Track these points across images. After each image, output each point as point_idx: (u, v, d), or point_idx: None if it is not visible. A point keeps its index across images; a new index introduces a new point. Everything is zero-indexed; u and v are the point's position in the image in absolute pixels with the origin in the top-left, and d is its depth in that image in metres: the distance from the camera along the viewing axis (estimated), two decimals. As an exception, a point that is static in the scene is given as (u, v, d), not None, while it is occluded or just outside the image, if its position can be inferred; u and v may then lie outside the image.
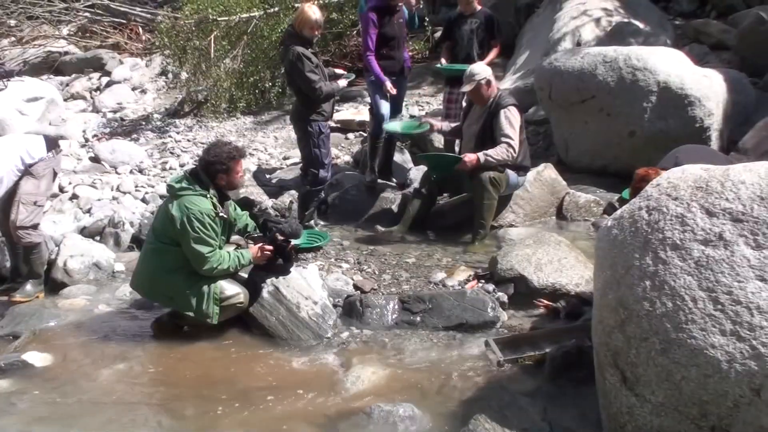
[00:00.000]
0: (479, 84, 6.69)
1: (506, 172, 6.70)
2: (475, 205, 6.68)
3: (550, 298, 5.40)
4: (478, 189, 6.62)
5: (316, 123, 6.94)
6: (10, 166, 5.90)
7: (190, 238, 5.09)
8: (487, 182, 6.57)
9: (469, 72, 6.79)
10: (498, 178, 6.63)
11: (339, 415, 4.27)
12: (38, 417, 4.40)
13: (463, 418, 3.93)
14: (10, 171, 5.90)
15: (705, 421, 3.24)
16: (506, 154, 6.58)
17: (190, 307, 5.21)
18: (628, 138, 7.59)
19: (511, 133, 6.60)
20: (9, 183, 5.91)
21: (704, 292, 3.28)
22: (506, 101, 6.69)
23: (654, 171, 4.90)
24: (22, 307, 5.88)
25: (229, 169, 5.31)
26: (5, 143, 6.23)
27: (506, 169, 6.69)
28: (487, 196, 6.60)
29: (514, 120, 6.63)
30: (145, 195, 8.33)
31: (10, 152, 5.99)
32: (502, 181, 6.68)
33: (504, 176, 6.69)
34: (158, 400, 4.60)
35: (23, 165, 5.97)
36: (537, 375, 4.56)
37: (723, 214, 3.38)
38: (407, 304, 5.47)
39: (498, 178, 6.63)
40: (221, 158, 5.27)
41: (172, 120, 10.83)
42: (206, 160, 5.29)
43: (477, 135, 6.80)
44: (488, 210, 6.66)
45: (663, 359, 3.31)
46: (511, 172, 6.73)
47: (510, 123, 6.60)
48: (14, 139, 6.58)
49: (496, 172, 6.62)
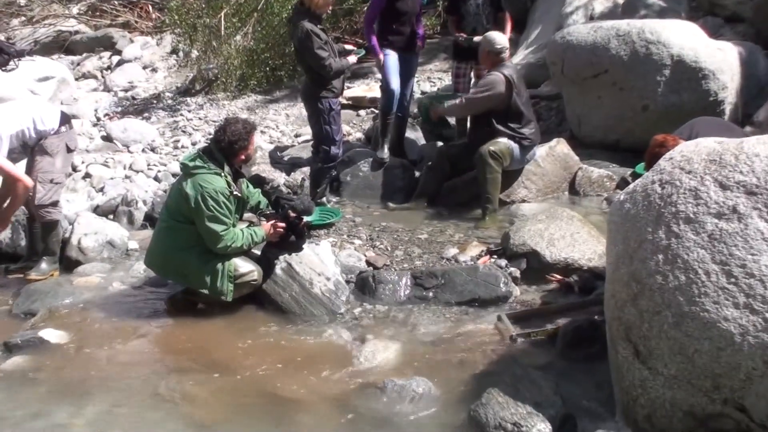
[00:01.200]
0: (485, 51, 6.82)
1: (509, 145, 6.68)
2: (479, 180, 6.67)
3: (563, 273, 5.40)
4: (479, 163, 6.62)
5: (326, 100, 6.92)
6: (21, 126, 5.92)
7: (204, 216, 5.11)
8: (486, 156, 6.57)
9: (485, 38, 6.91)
10: (498, 151, 6.61)
11: (352, 389, 4.30)
12: (54, 393, 4.44)
13: (476, 392, 3.94)
14: (21, 131, 5.92)
15: (717, 393, 3.24)
16: (455, 107, 7.15)
17: (204, 285, 5.23)
18: (641, 112, 7.53)
19: (472, 91, 6.91)
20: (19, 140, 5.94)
21: (717, 266, 3.27)
22: (497, 69, 6.73)
23: (672, 138, 4.88)
24: (37, 285, 5.92)
25: (248, 144, 5.37)
26: (22, 104, 6.26)
27: (509, 143, 6.68)
28: (489, 170, 6.58)
29: (483, 83, 6.83)
30: (157, 173, 8.35)
31: (24, 112, 6.03)
32: (504, 154, 6.65)
33: (506, 149, 6.66)
34: (173, 376, 4.63)
35: (35, 130, 5.98)
36: (549, 349, 4.58)
37: (737, 187, 3.37)
38: (420, 279, 5.48)
39: (498, 151, 6.61)
40: (241, 135, 5.29)
41: (184, 98, 10.83)
42: (227, 140, 5.26)
43: None
44: (492, 184, 6.63)
45: (676, 332, 3.31)
46: (513, 144, 6.71)
47: (478, 84, 6.91)
48: (31, 103, 6.60)
49: (495, 146, 6.61)
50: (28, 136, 5.97)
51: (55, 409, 4.24)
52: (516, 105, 6.69)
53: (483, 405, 3.75)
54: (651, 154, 4.82)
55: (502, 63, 6.78)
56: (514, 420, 3.62)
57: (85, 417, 4.14)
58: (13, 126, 5.86)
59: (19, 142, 5.94)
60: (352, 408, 4.13)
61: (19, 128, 5.89)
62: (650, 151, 4.93)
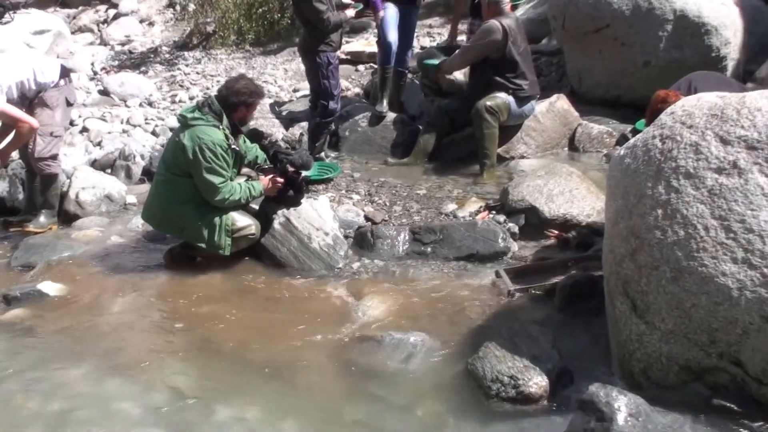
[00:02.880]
0: (485, 3, 6.75)
1: (506, 100, 6.64)
2: (477, 136, 6.66)
3: (561, 229, 5.40)
4: (476, 118, 6.61)
5: (324, 54, 6.87)
6: (22, 77, 5.89)
7: (202, 168, 5.09)
8: (483, 110, 6.56)
9: None
10: (495, 105, 6.58)
11: (350, 343, 4.31)
12: (53, 345, 4.46)
13: (474, 346, 3.96)
14: (21, 81, 5.89)
15: (714, 347, 3.26)
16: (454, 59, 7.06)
17: (201, 239, 5.23)
18: (642, 68, 7.45)
19: (466, 46, 6.92)
20: (18, 91, 5.90)
21: (716, 221, 3.27)
22: (496, 18, 6.68)
23: (674, 94, 4.85)
24: (36, 238, 5.93)
25: (250, 105, 5.36)
26: (23, 55, 6.22)
27: (506, 98, 6.64)
28: (485, 125, 6.57)
29: (480, 31, 6.80)
30: (155, 128, 8.32)
31: (25, 63, 6.02)
32: (501, 109, 6.63)
33: (503, 104, 6.64)
34: (170, 329, 4.65)
35: (35, 82, 5.96)
36: (547, 304, 4.59)
37: (738, 142, 3.35)
38: (418, 234, 5.48)
39: (495, 105, 6.58)
40: (249, 90, 5.30)
41: (181, 52, 10.74)
42: (234, 89, 5.27)
43: None
44: (489, 139, 6.62)
45: (673, 287, 3.32)
46: (510, 99, 6.68)
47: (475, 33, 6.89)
48: (32, 55, 6.56)
49: (492, 100, 6.58)
50: (28, 88, 5.94)
51: (54, 360, 4.26)
52: (511, 55, 6.66)
53: (480, 359, 3.77)
54: (653, 110, 4.79)
55: (502, 13, 6.72)
56: (511, 373, 3.65)
57: (84, 368, 4.17)
58: (14, 76, 5.84)
59: (19, 92, 5.91)
60: (349, 361, 4.14)
61: (19, 78, 5.86)
62: (652, 106, 4.90)
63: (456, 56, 7.13)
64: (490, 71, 6.70)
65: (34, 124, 5.88)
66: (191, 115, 5.20)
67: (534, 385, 3.60)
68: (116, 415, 3.73)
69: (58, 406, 3.80)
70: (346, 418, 3.67)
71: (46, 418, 3.70)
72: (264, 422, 3.62)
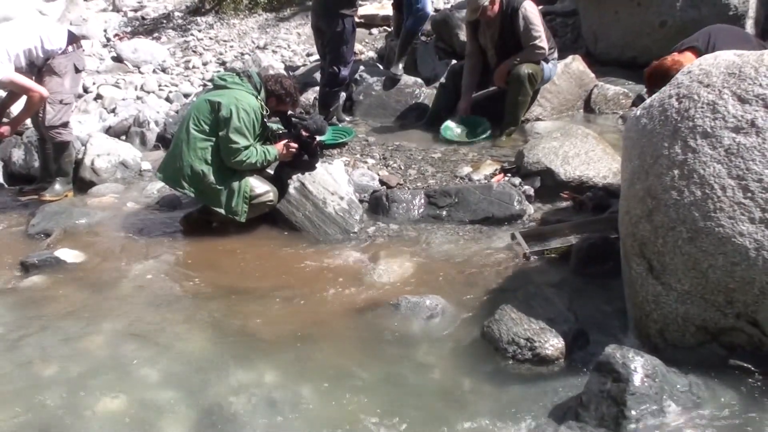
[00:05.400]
0: (484, 8, 6.41)
1: (543, 67, 6.57)
2: (509, 100, 6.57)
3: (577, 191, 5.38)
4: (515, 84, 6.49)
5: (348, 18, 6.79)
6: (29, 44, 5.88)
7: (232, 126, 5.14)
8: (525, 78, 6.45)
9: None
10: (536, 73, 6.50)
11: (366, 306, 4.33)
12: (71, 311, 4.49)
13: (490, 309, 3.97)
14: (29, 49, 5.88)
15: (731, 308, 3.25)
16: (535, 56, 6.50)
17: (219, 203, 5.25)
18: (658, 28, 7.36)
19: (535, 32, 6.44)
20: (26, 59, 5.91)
21: (734, 180, 3.23)
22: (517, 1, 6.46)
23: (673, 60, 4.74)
24: (52, 205, 5.96)
25: (283, 101, 5.49)
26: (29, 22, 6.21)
27: (543, 64, 6.56)
28: (523, 91, 6.50)
29: (533, 16, 6.45)
30: (168, 94, 8.32)
31: (31, 31, 6.00)
32: (539, 76, 6.57)
33: (540, 71, 6.57)
34: (188, 295, 4.68)
35: (42, 49, 5.95)
36: (563, 267, 4.58)
37: (756, 101, 3.30)
38: (433, 198, 5.48)
39: (536, 73, 6.50)
40: (291, 91, 5.51)
41: (194, 18, 10.69)
42: (279, 79, 5.50)
43: (497, 44, 6.62)
44: (522, 106, 6.58)
45: (690, 248, 3.29)
46: (546, 65, 6.60)
47: (530, 21, 6.42)
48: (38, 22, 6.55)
49: (534, 67, 6.48)
50: (36, 55, 5.92)
51: (72, 326, 4.29)
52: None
53: (496, 321, 3.77)
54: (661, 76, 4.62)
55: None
56: (527, 335, 3.65)
57: (101, 333, 4.20)
58: (21, 44, 5.82)
59: (27, 61, 5.90)
60: (366, 325, 4.16)
61: (26, 46, 5.85)
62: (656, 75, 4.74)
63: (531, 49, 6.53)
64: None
65: (43, 92, 5.88)
66: (231, 78, 5.33)
67: (550, 347, 3.60)
68: (134, 379, 3.77)
69: (76, 372, 3.83)
70: (364, 381, 3.68)
71: (64, 384, 3.73)
72: (281, 386, 3.64)
